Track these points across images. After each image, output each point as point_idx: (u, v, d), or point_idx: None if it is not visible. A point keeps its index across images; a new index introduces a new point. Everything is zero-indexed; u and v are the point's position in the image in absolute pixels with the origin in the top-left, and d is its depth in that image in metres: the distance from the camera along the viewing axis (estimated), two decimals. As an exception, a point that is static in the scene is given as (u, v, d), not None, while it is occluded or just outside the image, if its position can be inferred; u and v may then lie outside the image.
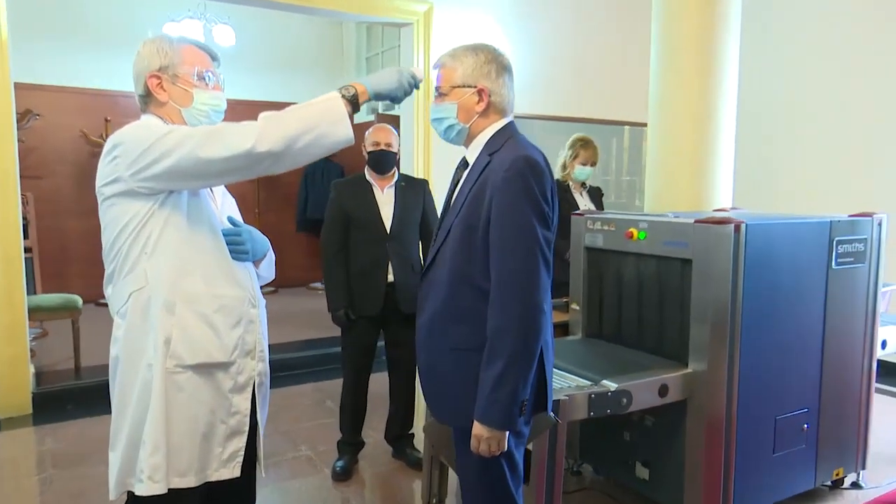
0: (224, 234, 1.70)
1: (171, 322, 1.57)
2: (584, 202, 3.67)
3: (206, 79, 1.73)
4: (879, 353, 3.02)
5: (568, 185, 3.68)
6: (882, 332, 3.05)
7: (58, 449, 3.51)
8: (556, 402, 2.10)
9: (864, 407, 2.94)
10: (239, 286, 1.69)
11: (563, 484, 2.21)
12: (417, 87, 1.73)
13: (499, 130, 1.74)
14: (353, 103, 1.59)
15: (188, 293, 1.59)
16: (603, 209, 3.72)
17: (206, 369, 1.62)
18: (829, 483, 2.93)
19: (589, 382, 2.31)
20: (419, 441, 3.30)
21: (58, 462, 3.35)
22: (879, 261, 2.86)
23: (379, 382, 3.46)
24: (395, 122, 5.46)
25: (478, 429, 1.59)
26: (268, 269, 1.90)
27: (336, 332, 3.26)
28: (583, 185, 3.74)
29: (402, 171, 3.33)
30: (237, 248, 1.71)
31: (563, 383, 2.30)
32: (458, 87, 1.73)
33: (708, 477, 2.45)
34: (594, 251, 2.90)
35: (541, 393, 1.70)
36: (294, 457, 3.41)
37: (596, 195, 3.78)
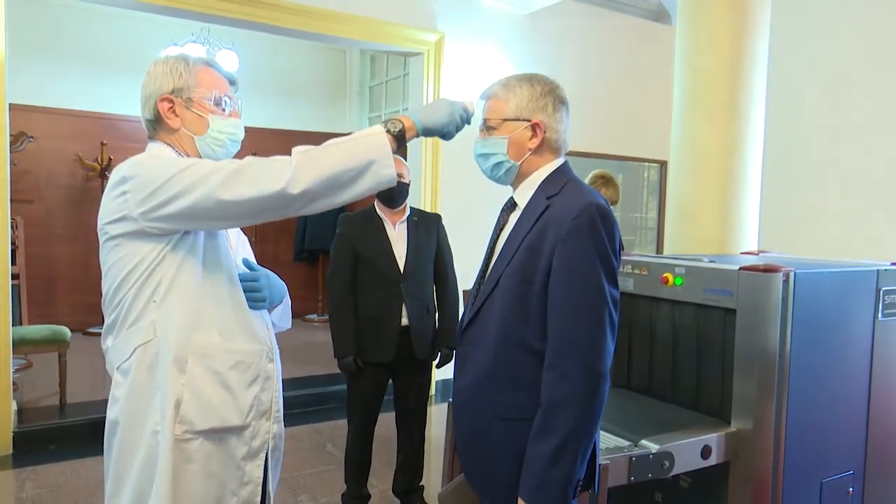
0: (241, 280, 1.54)
1: (181, 381, 1.38)
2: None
3: (224, 104, 1.57)
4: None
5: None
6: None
7: (38, 495, 3.26)
8: (597, 466, 1.91)
9: (908, 467, 2.76)
10: (256, 339, 1.51)
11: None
12: (469, 122, 1.57)
13: (555, 171, 1.59)
14: (400, 139, 1.42)
15: (202, 348, 1.40)
16: (623, 248, 3.56)
17: (218, 435, 1.43)
18: (871, 549, 2.73)
19: (627, 443, 2.11)
20: (429, 495, 3.09)
21: (38, 511, 3.10)
22: (924, 312, 2.70)
23: (383, 425, 3.24)
24: (402, 152, 5.33)
25: None
26: (283, 317, 1.74)
27: (335, 368, 3.05)
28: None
29: (412, 206, 3.16)
30: (254, 296, 1.55)
31: (598, 443, 2.10)
32: (511, 120, 1.60)
33: (751, 546, 2.25)
34: (623, 296, 2.70)
35: (591, 468, 1.51)
36: (310, 473, 3.18)
37: (616, 233, 3.62)
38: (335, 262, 2.93)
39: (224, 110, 1.57)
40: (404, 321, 2.87)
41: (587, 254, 1.41)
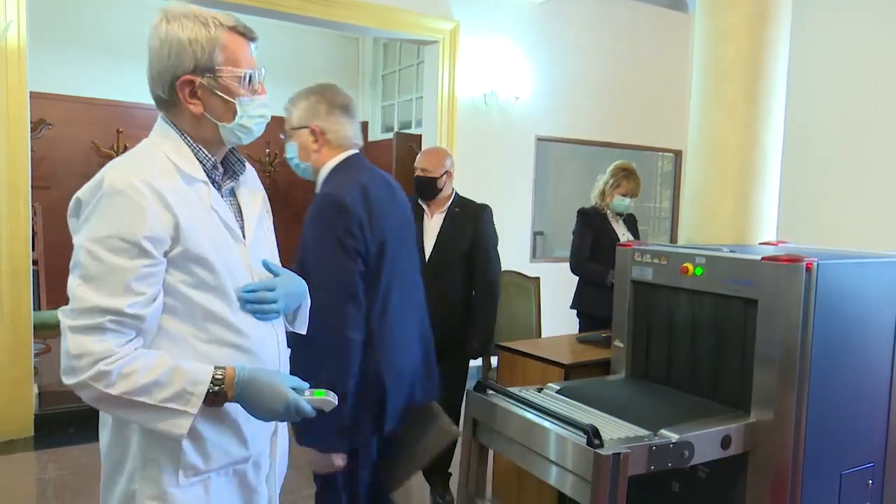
0: (246, 292, 1.36)
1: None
2: (621, 231, 3.51)
3: (253, 80, 1.37)
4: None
5: (605, 213, 3.52)
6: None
7: (59, 477, 3.32)
8: (617, 455, 1.92)
9: (926, 459, 2.75)
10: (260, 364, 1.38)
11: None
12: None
13: (336, 165, 1.94)
14: (219, 395, 1.26)
15: None
16: (639, 238, 3.56)
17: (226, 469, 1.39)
18: (887, 541, 2.73)
19: (647, 432, 2.12)
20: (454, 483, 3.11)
21: (59, 493, 3.15)
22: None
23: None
24: (416, 141, 5.33)
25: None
26: (300, 321, 1.58)
27: None
28: (618, 213, 3.57)
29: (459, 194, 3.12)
30: (264, 308, 1.38)
31: (618, 432, 2.11)
32: (295, 128, 1.97)
33: (769, 536, 2.26)
34: (642, 285, 2.72)
35: (379, 416, 1.91)
36: (310, 494, 3.20)
37: (632, 223, 3.62)
38: None
39: (255, 88, 1.38)
40: None
41: (318, 236, 1.78)
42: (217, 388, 1.25)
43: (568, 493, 2.09)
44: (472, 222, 2.97)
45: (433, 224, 2.93)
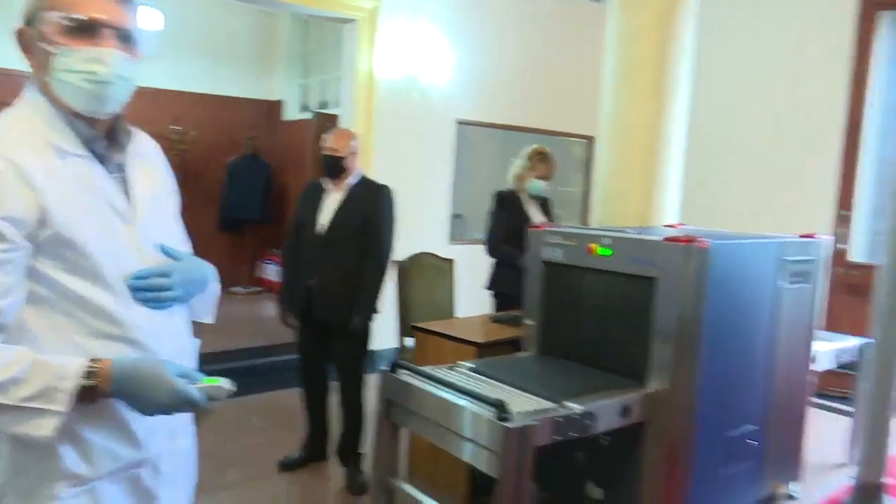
0: (135, 279, 1.21)
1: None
2: (536, 214, 3.61)
3: (79, 26, 1.14)
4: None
5: (521, 196, 3.61)
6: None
7: None
8: (524, 427, 2.01)
9: (802, 421, 3.01)
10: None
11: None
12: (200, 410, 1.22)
13: None
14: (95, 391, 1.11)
15: None
16: (553, 220, 3.68)
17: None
18: (768, 496, 2.98)
19: (553, 405, 2.22)
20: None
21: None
22: (821, 281, 2.94)
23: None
24: (334, 121, 5.26)
25: None
26: (204, 309, 1.43)
27: (260, 341, 3.21)
28: (533, 196, 3.68)
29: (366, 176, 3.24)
30: (157, 297, 1.23)
31: (525, 405, 2.20)
32: None
33: (665, 497, 2.42)
34: (552, 265, 2.83)
35: None
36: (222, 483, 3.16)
37: (546, 206, 3.73)
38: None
39: (79, 38, 1.15)
40: (313, 283, 3.01)
41: None
42: (90, 382, 1.09)
43: (479, 466, 2.16)
44: (369, 201, 3.03)
45: (332, 200, 3.02)
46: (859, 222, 4.89)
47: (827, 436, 3.61)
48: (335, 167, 3.00)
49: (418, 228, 5.03)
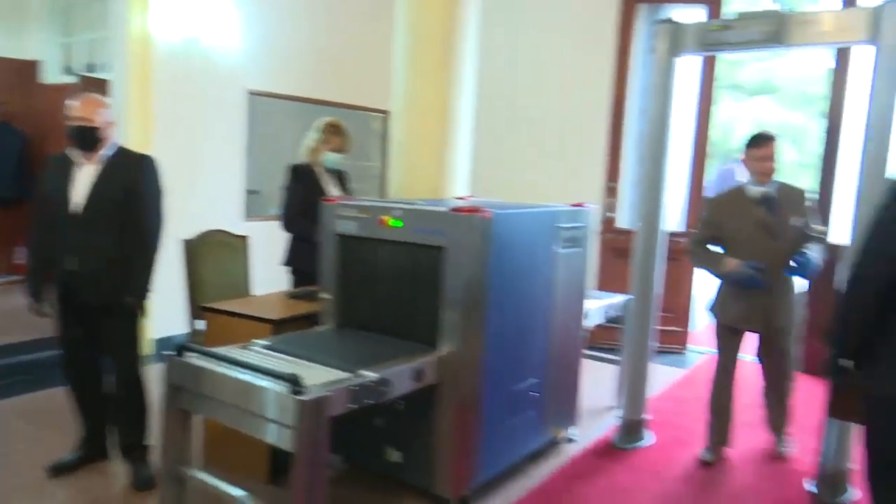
0: None
1: None
2: (332, 187, 3.57)
3: None
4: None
5: (316, 170, 3.55)
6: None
7: None
8: (318, 399, 2.00)
9: (577, 372, 3.37)
10: None
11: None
12: None
13: None
14: None
15: None
16: (350, 194, 3.68)
17: None
18: (550, 441, 3.30)
19: (348, 374, 2.24)
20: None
21: None
22: (590, 244, 3.29)
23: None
24: (101, 86, 4.73)
25: None
26: None
27: (16, 337, 2.87)
28: (329, 169, 3.63)
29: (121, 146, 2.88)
30: None
31: (321, 377, 2.20)
32: None
33: (457, 451, 2.58)
34: (346, 238, 2.84)
35: None
36: None
37: (343, 180, 3.70)
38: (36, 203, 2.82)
39: None
40: (71, 265, 2.72)
41: None
42: None
43: (277, 443, 2.12)
44: (130, 172, 2.77)
45: (85, 174, 2.71)
46: (624, 193, 5.52)
47: (599, 383, 4.07)
48: (89, 138, 2.68)
49: (208, 204, 4.74)
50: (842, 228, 4.01)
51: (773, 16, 2.86)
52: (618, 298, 3.90)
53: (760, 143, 3.10)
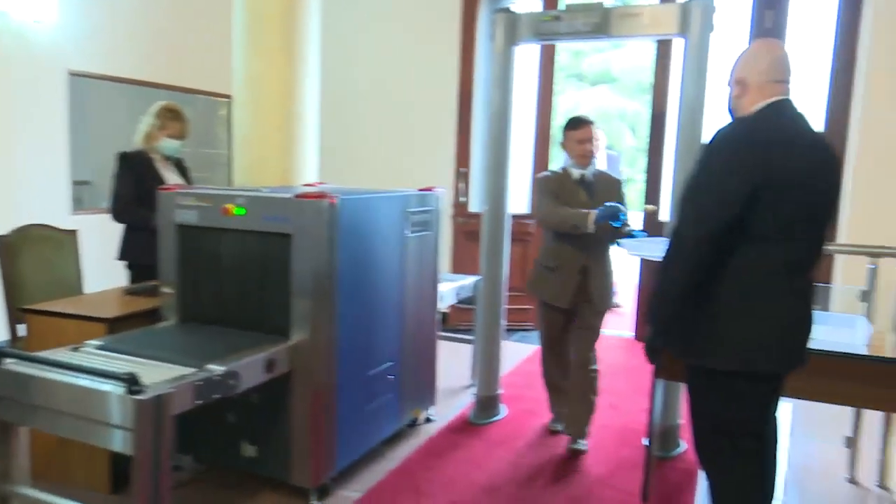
0: None
1: None
2: (171, 176, 3.36)
3: None
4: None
5: (152, 157, 3.32)
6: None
7: None
8: (158, 397, 1.90)
9: (432, 353, 3.45)
10: None
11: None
12: None
13: None
14: None
15: None
16: (191, 182, 3.49)
17: None
18: (410, 423, 3.36)
19: (192, 369, 2.15)
20: None
21: None
22: (441, 228, 3.37)
23: None
24: None
25: None
26: None
27: None
28: (167, 157, 3.42)
29: None
30: None
31: (162, 375, 2.09)
32: None
33: (314, 441, 2.55)
34: (187, 229, 2.70)
35: None
36: None
37: (182, 168, 3.50)
38: None
39: None
40: None
41: None
42: None
43: (117, 449, 1.99)
44: None
45: None
46: (475, 178, 5.69)
47: (456, 363, 4.20)
48: None
49: (26, 197, 4.30)
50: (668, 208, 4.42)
51: (597, 8, 3.07)
52: (469, 280, 4.04)
53: (578, 125, 3.11)
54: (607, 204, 2.96)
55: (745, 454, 2.01)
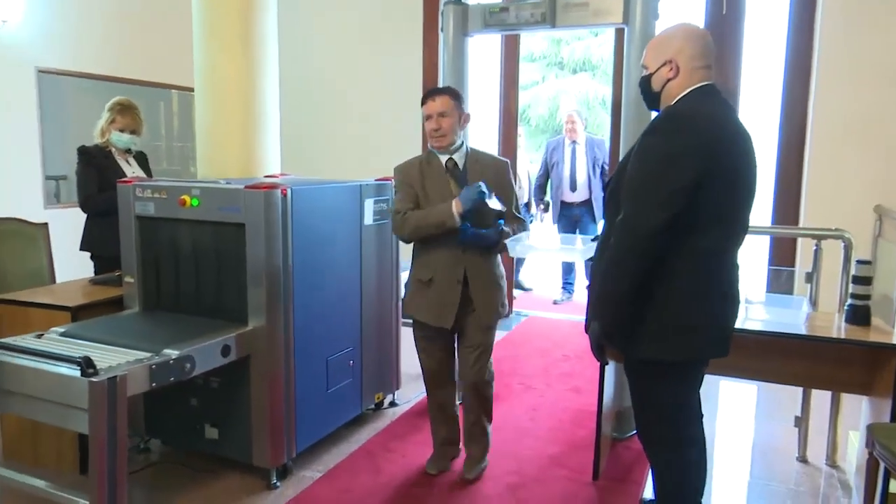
0: None
1: None
2: (131, 169, 3.45)
3: None
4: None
5: (110, 151, 3.40)
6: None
7: None
8: (112, 379, 2.00)
9: (395, 338, 3.54)
10: None
11: (128, 464, 2.13)
12: None
13: None
14: None
15: None
16: (151, 175, 3.57)
17: None
18: (372, 406, 3.47)
19: (149, 354, 2.25)
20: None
21: None
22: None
23: None
24: None
25: None
26: None
27: None
28: (128, 151, 3.50)
29: None
30: None
31: (119, 360, 2.18)
32: None
33: (273, 423, 2.66)
34: (146, 220, 2.79)
35: None
36: None
37: (143, 161, 3.58)
38: None
39: None
40: None
41: None
42: None
43: (77, 429, 2.10)
44: None
45: None
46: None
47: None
48: None
49: (3, 193, 4.37)
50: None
51: None
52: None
53: (426, 99, 2.59)
54: (470, 186, 2.48)
55: (688, 440, 2.06)
